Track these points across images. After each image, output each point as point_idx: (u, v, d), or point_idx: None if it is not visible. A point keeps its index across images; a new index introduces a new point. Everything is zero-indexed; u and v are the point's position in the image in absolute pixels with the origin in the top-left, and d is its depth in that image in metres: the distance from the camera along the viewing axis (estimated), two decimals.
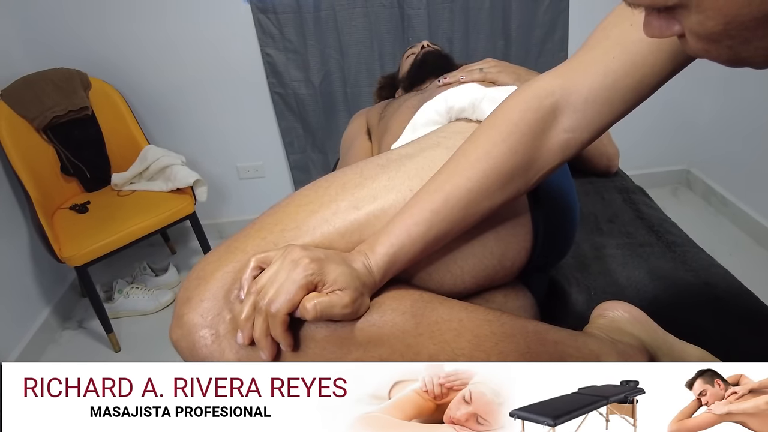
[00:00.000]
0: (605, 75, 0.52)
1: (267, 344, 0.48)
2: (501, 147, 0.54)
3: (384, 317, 0.51)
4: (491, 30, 1.96)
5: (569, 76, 0.54)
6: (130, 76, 1.91)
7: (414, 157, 0.65)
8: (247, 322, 0.49)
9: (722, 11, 0.29)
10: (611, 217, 1.03)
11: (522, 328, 0.55)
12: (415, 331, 0.51)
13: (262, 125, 2.10)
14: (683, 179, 2.35)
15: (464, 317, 0.54)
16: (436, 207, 0.53)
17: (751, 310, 0.79)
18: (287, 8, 1.86)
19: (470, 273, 0.62)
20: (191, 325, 0.52)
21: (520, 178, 0.55)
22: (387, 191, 0.60)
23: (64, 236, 1.64)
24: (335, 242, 0.56)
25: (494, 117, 0.57)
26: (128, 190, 1.85)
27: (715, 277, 0.86)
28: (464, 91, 0.81)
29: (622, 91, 0.52)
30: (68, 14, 1.80)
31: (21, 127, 1.69)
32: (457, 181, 0.54)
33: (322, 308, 0.47)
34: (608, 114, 0.54)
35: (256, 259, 0.52)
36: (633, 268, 0.89)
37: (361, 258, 0.52)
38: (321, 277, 0.48)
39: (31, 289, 1.80)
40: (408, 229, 0.53)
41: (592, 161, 1.16)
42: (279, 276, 0.48)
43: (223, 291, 0.53)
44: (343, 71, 1.99)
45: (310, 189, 0.62)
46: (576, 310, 0.82)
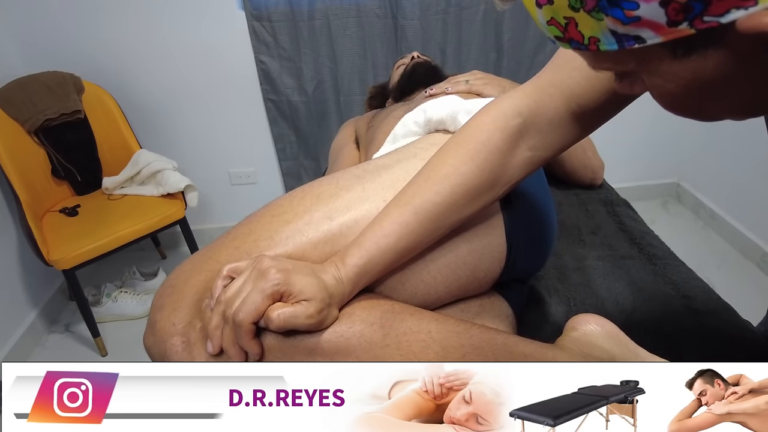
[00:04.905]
0: (569, 100, 0.54)
1: (235, 353, 0.49)
2: (469, 165, 0.55)
3: (352, 328, 0.52)
4: (484, 41, 1.98)
5: (535, 97, 0.57)
6: (123, 81, 1.92)
7: (390, 168, 0.66)
8: (216, 330, 0.49)
9: (678, 75, 0.30)
10: (594, 228, 1.04)
11: (491, 340, 0.55)
12: (383, 342, 0.52)
13: (255, 132, 2.10)
14: (673, 192, 2.37)
15: (433, 329, 0.54)
16: (405, 219, 0.55)
17: (728, 324, 0.80)
18: (282, 16, 1.87)
19: (443, 283, 0.63)
20: (163, 333, 0.52)
21: (486, 192, 0.57)
22: (361, 202, 0.61)
23: (53, 239, 1.63)
24: (308, 252, 0.57)
25: (463, 134, 0.58)
26: (119, 194, 1.84)
27: (694, 290, 0.87)
28: (443, 103, 0.82)
29: (586, 114, 0.54)
30: (64, 18, 1.81)
31: (12, 130, 1.69)
32: (425, 195, 0.55)
33: (285, 318, 0.48)
34: (571, 134, 0.57)
35: (227, 268, 0.53)
36: (614, 279, 0.89)
37: (331, 269, 0.53)
38: (287, 287, 0.48)
39: (19, 292, 1.79)
40: (378, 241, 0.54)
41: (577, 173, 1.17)
42: (246, 286, 0.49)
43: (195, 299, 0.54)
44: (336, 80, 2.00)
45: (285, 199, 0.63)
46: (555, 321, 0.82)
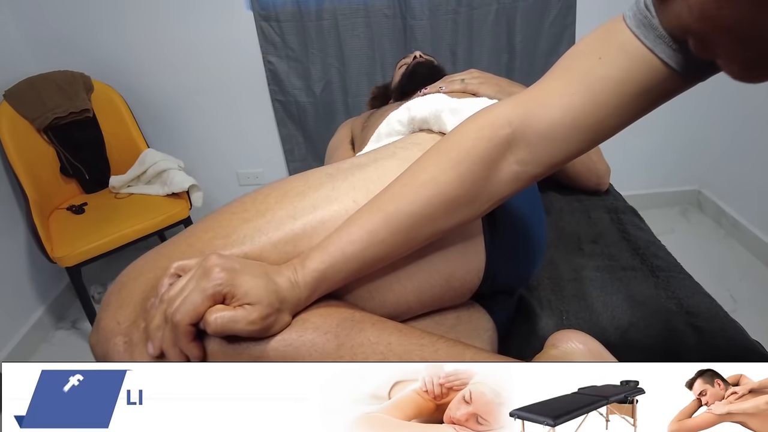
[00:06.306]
0: (564, 112, 0.48)
1: (174, 355, 0.46)
2: (449, 174, 0.51)
3: (303, 336, 0.48)
4: (495, 43, 1.93)
5: (528, 107, 0.51)
6: (132, 81, 1.93)
7: (364, 167, 0.62)
8: (156, 331, 0.47)
9: None
10: (595, 237, 0.98)
11: (458, 355, 0.51)
12: (336, 353, 0.48)
13: (263, 132, 2.09)
14: (694, 200, 2.27)
15: (394, 341, 0.50)
16: (376, 228, 0.51)
17: (734, 344, 0.74)
18: (289, 16, 1.86)
19: (414, 293, 0.59)
20: (107, 331, 0.50)
21: (466, 207, 0.52)
22: (329, 202, 0.57)
23: (58, 236, 1.64)
24: (267, 252, 0.54)
25: (448, 141, 0.54)
26: (125, 192, 1.85)
27: (698, 305, 0.81)
28: (427, 101, 0.79)
29: (580, 129, 0.49)
30: (75, 18, 1.83)
31: (22, 128, 1.71)
32: (399, 203, 0.51)
33: (223, 323, 0.44)
34: (563, 151, 0.51)
35: (175, 266, 0.50)
36: (611, 292, 0.84)
37: (288, 272, 0.50)
38: (231, 288, 0.45)
39: (26, 288, 1.82)
40: (343, 247, 0.50)
41: (581, 179, 1.12)
42: (189, 285, 0.46)
43: (142, 298, 0.51)
44: (344, 81, 1.98)
45: (250, 196, 0.60)
46: (545, 335, 0.76)
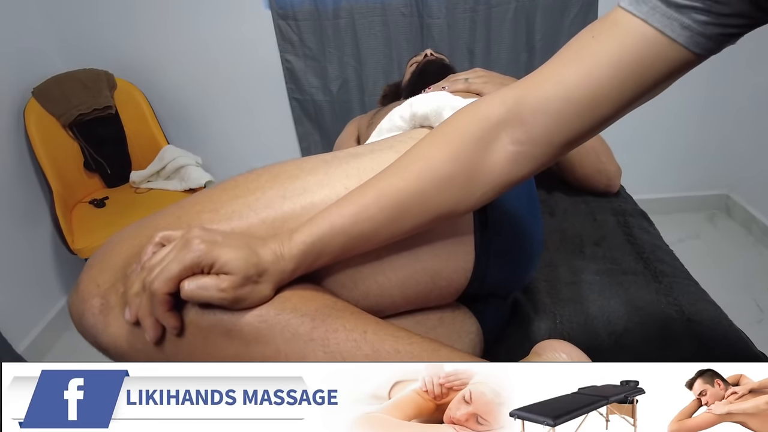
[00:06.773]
0: (556, 85, 0.48)
1: (150, 324, 0.47)
2: (442, 151, 0.51)
3: (280, 315, 0.48)
4: (514, 41, 1.90)
5: (523, 86, 0.51)
6: (154, 79, 1.98)
7: (359, 157, 0.62)
8: (135, 297, 0.47)
9: None
10: (598, 240, 0.95)
11: (433, 352, 0.50)
12: (308, 336, 0.48)
13: (281, 130, 2.11)
14: (722, 205, 2.18)
15: (370, 330, 0.50)
16: (366, 202, 0.51)
17: (735, 355, 0.70)
18: (307, 15, 1.87)
19: (399, 286, 0.58)
20: (85, 293, 0.51)
21: (459, 188, 0.51)
22: (320, 186, 0.57)
23: (80, 229, 1.70)
24: (254, 228, 0.54)
25: (443, 125, 0.54)
26: (145, 188, 1.90)
27: (702, 313, 0.77)
28: (429, 98, 0.79)
29: (574, 103, 0.48)
30: (101, 18, 1.89)
31: (49, 124, 1.78)
32: (392, 179, 0.51)
33: (191, 289, 0.45)
34: (559, 127, 0.49)
35: (159, 235, 0.50)
36: (609, 297, 0.81)
37: (274, 244, 0.50)
38: (211, 260, 0.46)
39: (50, 278, 1.88)
40: (332, 221, 0.50)
41: (590, 179, 1.09)
42: (169, 255, 0.46)
43: (124, 263, 0.52)
44: (360, 79, 1.98)
45: (242, 176, 0.60)
46: (537, 340, 0.75)
